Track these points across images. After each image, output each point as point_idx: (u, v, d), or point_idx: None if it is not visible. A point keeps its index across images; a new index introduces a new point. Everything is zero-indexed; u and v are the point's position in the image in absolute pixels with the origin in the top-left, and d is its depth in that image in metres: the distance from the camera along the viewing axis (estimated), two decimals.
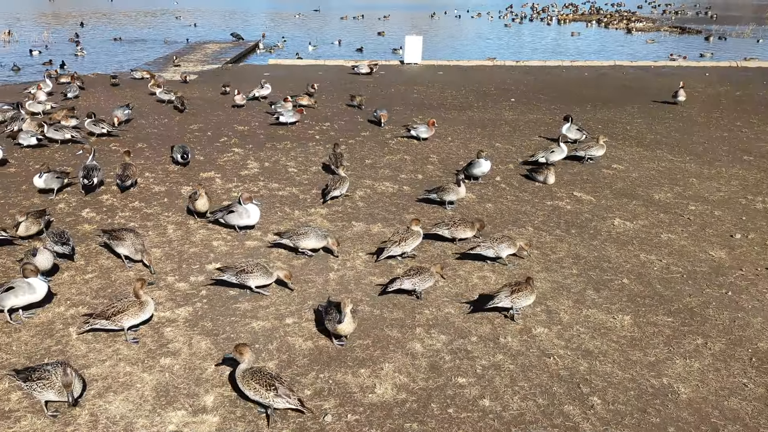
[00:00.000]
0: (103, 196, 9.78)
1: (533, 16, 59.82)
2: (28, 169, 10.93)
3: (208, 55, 28.44)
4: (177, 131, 13.91)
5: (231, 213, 8.32)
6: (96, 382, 5.37)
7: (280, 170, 11.22)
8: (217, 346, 5.93)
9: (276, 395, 4.92)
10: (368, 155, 12.24)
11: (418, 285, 6.77)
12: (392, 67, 24.67)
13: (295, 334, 6.18)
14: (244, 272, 6.75)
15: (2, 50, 29.74)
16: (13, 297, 6.14)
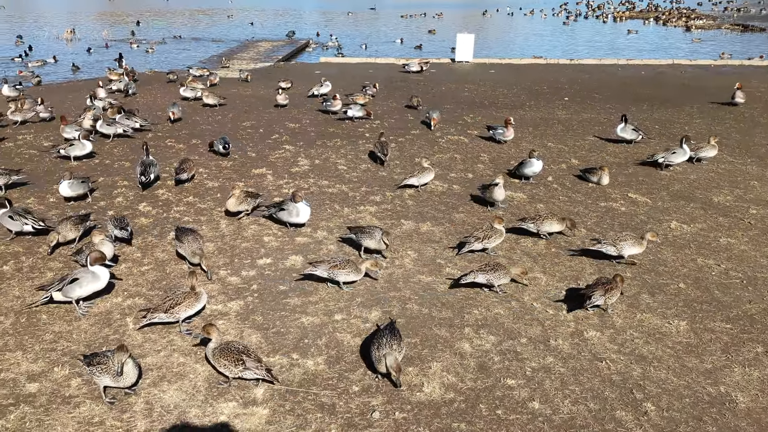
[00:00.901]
0: (158, 191, 10.04)
1: (588, 13, 58.61)
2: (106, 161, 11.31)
3: (261, 53, 28.89)
4: (230, 128, 14.16)
5: (282, 210, 8.43)
6: (151, 372, 5.52)
7: (330, 168, 11.30)
8: (267, 340, 6.02)
9: (244, 368, 5.23)
10: (418, 153, 12.22)
11: (493, 280, 6.78)
12: (443, 65, 24.55)
13: (344, 330, 6.21)
14: (336, 267, 6.84)
15: (65, 48, 30.84)
16: (78, 288, 6.34)
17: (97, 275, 6.42)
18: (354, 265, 6.93)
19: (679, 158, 11.24)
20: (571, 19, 51.89)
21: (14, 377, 5.40)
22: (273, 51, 29.87)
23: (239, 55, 28.16)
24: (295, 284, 7.10)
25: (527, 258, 7.81)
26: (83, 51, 29.76)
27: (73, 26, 38.51)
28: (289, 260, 7.66)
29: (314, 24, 45.82)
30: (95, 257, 6.44)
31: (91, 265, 6.42)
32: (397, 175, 10.88)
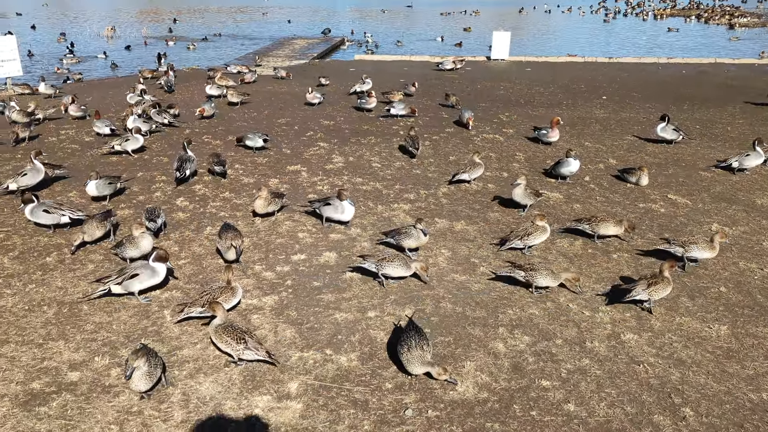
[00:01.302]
0: (196, 186, 10.18)
1: (628, 10, 57.60)
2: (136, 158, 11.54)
3: (296, 51, 29.09)
4: (266, 125, 14.29)
5: (327, 205, 8.48)
6: (188, 363, 5.61)
7: (364, 165, 11.33)
8: (301, 335, 6.06)
9: (246, 348, 5.45)
10: (452, 152, 12.17)
11: (535, 280, 6.73)
12: (478, 63, 24.40)
13: (377, 327, 6.22)
14: (385, 260, 6.88)
15: (106, 45, 31.51)
16: (137, 283, 6.55)
17: (156, 271, 6.64)
18: (404, 260, 6.93)
19: (753, 161, 10.92)
20: (610, 17, 51.05)
21: (57, 366, 5.54)
22: (308, 48, 30.05)
23: (275, 53, 28.40)
24: (329, 280, 7.14)
25: (563, 258, 7.72)
26: (123, 48, 30.31)
27: (114, 24, 39.29)
28: (323, 256, 7.70)
29: (349, 22, 45.96)
30: (160, 256, 6.64)
31: (153, 262, 6.61)
32: (431, 173, 10.86)
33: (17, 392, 5.17)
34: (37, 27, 39.00)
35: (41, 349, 5.78)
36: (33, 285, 6.96)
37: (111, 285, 6.53)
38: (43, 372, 5.45)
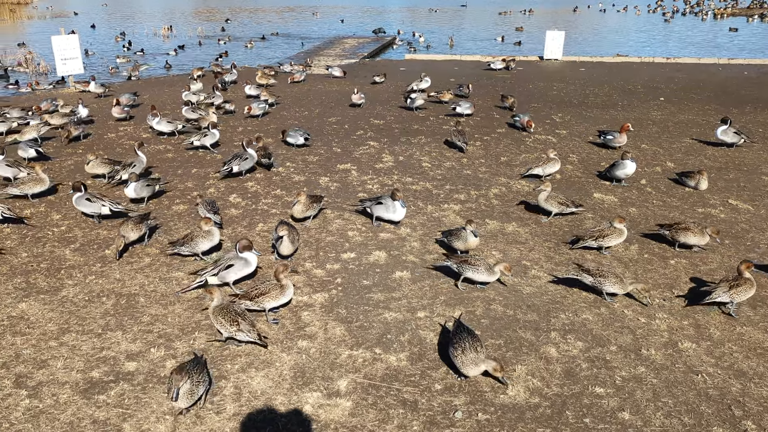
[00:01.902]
0: (248, 183, 10.34)
1: (686, 10, 55.95)
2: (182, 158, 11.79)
3: (346, 50, 29.25)
4: (316, 123, 14.42)
5: (379, 204, 8.49)
6: (239, 358, 5.69)
7: (414, 165, 11.30)
8: (351, 333, 6.08)
9: (238, 329, 5.64)
10: (504, 152, 12.03)
11: (603, 286, 6.57)
12: (531, 63, 24.06)
13: (426, 328, 6.19)
14: (467, 263, 6.79)
15: (162, 45, 32.31)
16: (232, 273, 6.82)
17: (249, 261, 6.88)
18: (487, 264, 6.77)
19: None
20: (668, 16, 49.69)
21: (114, 355, 5.70)
22: (358, 48, 30.19)
23: (325, 52, 28.63)
24: (378, 279, 7.14)
25: (618, 263, 7.53)
26: (178, 47, 31.00)
27: (170, 23, 40.26)
28: (372, 255, 7.71)
29: (399, 21, 45.97)
30: (244, 245, 6.82)
31: (241, 252, 6.82)
32: (482, 174, 10.76)
33: (78, 380, 5.34)
34: (97, 26, 40.24)
35: (100, 338, 5.96)
36: (93, 276, 7.18)
37: (207, 276, 6.80)
38: (101, 361, 5.62)
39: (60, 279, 7.10)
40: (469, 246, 7.54)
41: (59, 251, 7.81)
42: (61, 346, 5.83)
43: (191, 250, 7.48)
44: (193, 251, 7.50)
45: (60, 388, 5.24)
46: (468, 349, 5.24)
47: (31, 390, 5.21)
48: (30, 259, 7.60)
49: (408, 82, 19.31)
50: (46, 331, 6.06)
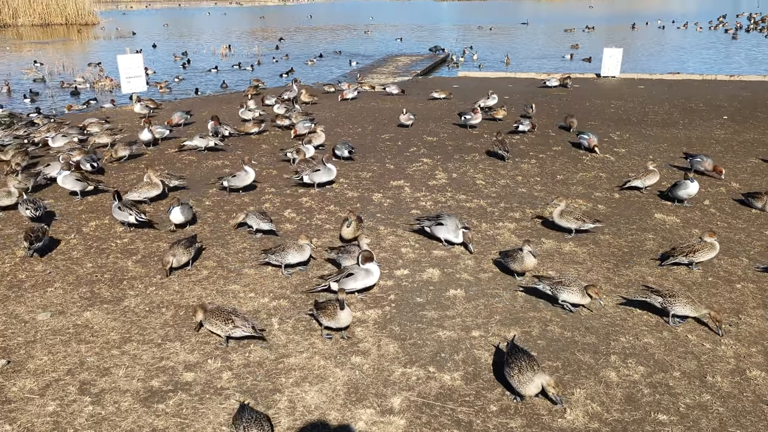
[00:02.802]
0: (302, 199, 10.46)
1: (750, 26, 54.19)
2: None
3: (400, 68, 29.41)
4: (369, 140, 14.52)
5: (440, 225, 8.37)
6: (294, 372, 5.72)
7: (467, 182, 11.24)
8: (404, 351, 6.05)
9: (234, 327, 5.96)
10: (560, 171, 11.84)
11: (672, 308, 6.35)
12: (588, 81, 23.70)
13: (481, 347, 6.11)
14: (561, 284, 6.65)
15: (221, 63, 33.17)
16: (352, 282, 6.98)
17: (371, 272, 7.02)
18: (581, 286, 6.58)
19: None
20: (731, 33, 48.24)
21: (173, 365, 5.82)
22: (411, 65, 30.34)
23: (379, 69, 28.88)
24: (432, 297, 7.10)
25: (680, 286, 7.27)
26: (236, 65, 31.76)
27: (229, 43, 41.36)
28: (426, 273, 7.68)
29: (454, 39, 46.02)
30: (366, 256, 6.99)
31: (363, 264, 6.97)
32: (537, 192, 10.61)
33: (138, 388, 5.47)
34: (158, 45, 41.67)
35: (160, 348, 6.10)
36: (153, 288, 7.36)
37: (330, 282, 7.01)
38: (161, 371, 5.74)
39: (122, 289, 7.31)
40: (525, 267, 7.38)
41: (122, 262, 8.05)
42: (122, 354, 5.99)
43: (280, 260, 7.61)
44: (282, 262, 7.62)
45: (122, 395, 5.37)
46: (525, 368, 5.14)
47: (95, 397, 5.36)
48: (95, 269, 7.86)
49: (462, 99, 19.30)
50: (108, 340, 6.24)
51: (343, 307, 6.05)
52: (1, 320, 6.63)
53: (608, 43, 27.37)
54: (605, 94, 20.39)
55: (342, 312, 6.09)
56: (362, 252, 7.08)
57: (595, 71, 25.52)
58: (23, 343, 6.19)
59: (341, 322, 6.15)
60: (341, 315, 6.10)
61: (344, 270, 7.14)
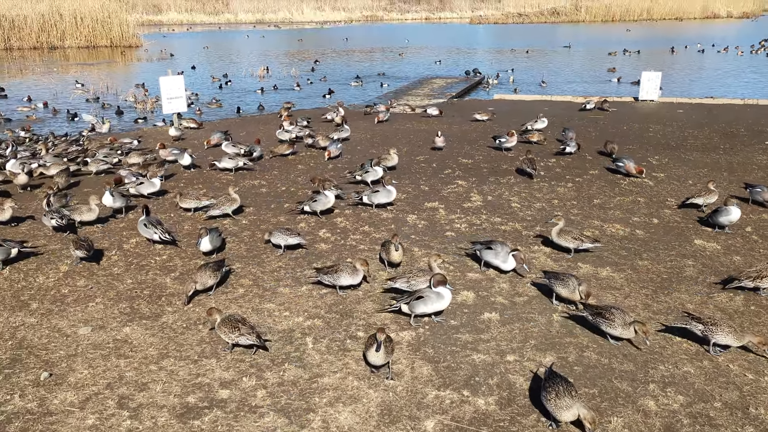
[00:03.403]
0: (337, 219, 10.53)
1: None
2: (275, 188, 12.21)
3: (435, 90, 29.57)
4: (404, 161, 14.58)
5: (489, 249, 8.25)
6: (327, 392, 5.74)
7: (503, 204, 11.19)
8: (438, 373, 6.02)
9: (239, 335, 6.22)
10: (597, 194, 11.72)
11: (714, 336, 6.20)
12: (625, 104, 23.47)
13: (516, 372, 6.04)
14: (602, 317, 6.47)
15: (257, 84, 33.76)
16: (422, 305, 6.86)
17: (442, 295, 6.87)
18: (624, 319, 6.35)
19: None
20: None
21: (209, 382, 5.89)
22: (446, 88, 30.48)
23: (414, 92, 29.06)
24: (466, 320, 7.07)
25: (722, 314, 7.10)
26: (271, 87, 32.30)
27: (267, 65, 42.13)
28: (460, 295, 7.65)
29: (490, 61, 46.09)
30: (438, 280, 6.85)
31: (435, 287, 6.85)
32: (574, 216, 10.51)
33: (175, 404, 5.55)
34: (197, 67, 42.63)
35: (196, 365, 6.18)
36: (190, 305, 7.48)
37: (401, 304, 6.98)
38: (197, 387, 5.81)
39: (161, 306, 7.45)
40: (574, 296, 7.20)
41: (161, 279, 8.21)
42: (160, 370, 6.09)
43: (333, 281, 7.67)
44: (334, 283, 7.68)
45: (159, 411, 5.45)
46: (562, 394, 5.08)
47: (132, 411, 5.45)
48: (134, 285, 8.03)
49: (496, 122, 19.30)
50: (147, 355, 6.35)
51: (378, 349, 5.78)
52: (45, 333, 6.81)
53: (647, 67, 27.11)
54: (643, 118, 20.15)
55: (376, 352, 5.80)
56: (434, 275, 6.95)
57: (633, 95, 25.28)
58: (65, 357, 6.35)
59: (372, 361, 5.90)
60: (373, 354, 5.83)
61: (415, 292, 6.99)
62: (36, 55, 51.51)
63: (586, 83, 33.13)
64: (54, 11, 55.56)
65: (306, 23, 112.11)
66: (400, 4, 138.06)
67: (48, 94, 28.68)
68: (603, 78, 34.66)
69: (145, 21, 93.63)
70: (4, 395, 5.71)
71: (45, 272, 8.40)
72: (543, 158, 14.59)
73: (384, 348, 5.77)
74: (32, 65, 44.13)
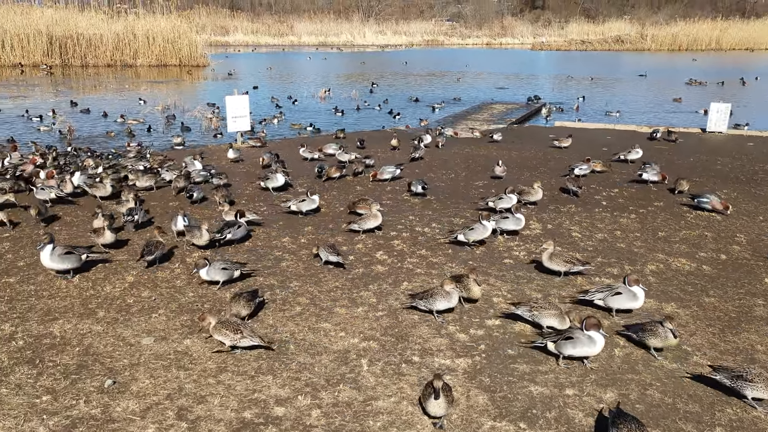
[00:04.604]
0: (394, 241, 10.55)
1: None
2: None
3: (494, 115, 29.47)
4: (462, 186, 14.53)
5: (618, 295, 7.72)
6: (381, 415, 5.72)
7: (563, 234, 10.99)
8: (494, 403, 5.92)
9: (242, 337, 6.47)
10: (661, 227, 11.38)
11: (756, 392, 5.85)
12: (692, 135, 22.83)
13: (575, 407, 5.89)
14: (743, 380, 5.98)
15: (317, 106, 34.40)
16: (571, 347, 6.51)
17: (594, 340, 6.44)
18: None
19: None
20: None
21: (265, 399, 5.95)
22: (506, 113, 30.32)
23: (473, 116, 29.03)
24: (524, 350, 6.94)
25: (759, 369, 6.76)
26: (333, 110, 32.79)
27: (329, 87, 42.87)
28: (518, 324, 7.53)
29: (551, 88, 45.68)
30: (592, 323, 6.46)
31: (587, 330, 6.46)
32: (637, 248, 10.23)
33: (231, 419, 5.63)
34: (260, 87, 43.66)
35: (253, 381, 6.26)
36: (249, 320, 7.59)
37: (548, 342, 6.68)
38: (253, 403, 5.88)
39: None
40: (668, 344, 6.78)
41: (221, 293, 8.38)
42: (218, 384, 6.20)
43: (429, 306, 7.60)
44: (430, 308, 7.61)
45: (216, 424, 5.54)
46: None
47: (191, 423, 5.55)
48: (196, 299, 8.22)
49: (558, 150, 19.08)
50: (206, 369, 6.48)
51: (437, 396, 5.40)
52: (110, 341, 7.04)
53: (715, 98, 26.34)
54: (711, 150, 19.55)
55: (435, 400, 5.43)
56: (587, 318, 6.54)
57: (700, 125, 24.58)
58: (128, 366, 6.53)
59: (432, 411, 5.51)
60: (433, 403, 5.45)
61: (564, 331, 6.66)
62: (110, 72, 53.89)
63: (653, 113, 32.38)
64: (128, 31, 58.11)
65: (367, 46, 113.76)
66: (461, 29, 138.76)
67: (121, 110, 29.85)
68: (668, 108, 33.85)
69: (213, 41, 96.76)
70: (70, 400, 5.92)
71: (112, 282, 8.70)
72: (606, 188, 14.30)
73: (444, 396, 5.40)
74: (106, 81, 46.17)
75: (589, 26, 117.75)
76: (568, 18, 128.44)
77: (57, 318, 7.59)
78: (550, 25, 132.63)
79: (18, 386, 6.13)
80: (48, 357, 6.68)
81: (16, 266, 9.16)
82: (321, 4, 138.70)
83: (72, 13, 59.62)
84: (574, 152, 18.44)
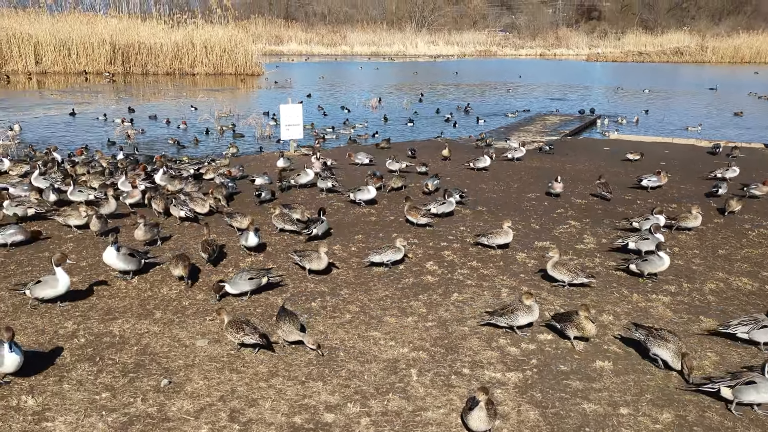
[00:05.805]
0: (444, 252, 10.51)
1: None
2: None
3: (547, 127, 29.11)
4: (515, 198, 14.39)
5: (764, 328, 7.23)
6: (430, 426, 5.69)
7: (619, 249, 10.75)
8: (546, 420, 5.82)
9: (244, 334, 6.76)
10: (721, 245, 11.02)
11: None
12: (755, 151, 22.06)
13: (630, 426, 5.74)
14: None
15: (367, 115, 34.61)
16: (754, 392, 5.88)
17: None
18: None
19: None
20: None
21: (315, 404, 6.00)
22: (559, 125, 29.91)
23: (526, 128, 28.73)
24: (577, 366, 6.81)
25: None
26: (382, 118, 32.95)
27: (380, 96, 43.12)
28: (571, 340, 7.39)
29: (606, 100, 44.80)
30: None
31: None
32: (695, 266, 9.93)
33: (282, 423, 5.69)
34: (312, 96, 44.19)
35: (303, 386, 6.33)
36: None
37: (722, 386, 6.07)
38: (303, 408, 5.94)
39: (272, 325, 7.70)
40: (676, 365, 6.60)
41: (273, 299, 8.50)
42: (269, 388, 6.28)
43: (509, 322, 7.47)
44: (511, 324, 7.47)
45: (267, 428, 5.61)
46: None
47: (243, 426, 5.64)
48: (248, 302, 8.37)
49: (611, 162, 18.70)
50: (257, 372, 6.58)
51: (471, 408, 5.35)
52: (166, 342, 7.22)
53: None
54: None
55: (474, 412, 5.38)
56: None
57: (763, 141, 23.74)
58: (183, 366, 6.69)
59: (473, 425, 5.44)
60: (475, 417, 5.40)
61: (741, 374, 6.07)
62: (168, 80, 55.51)
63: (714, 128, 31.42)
64: (187, 40, 59.79)
65: (419, 56, 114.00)
66: (514, 39, 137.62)
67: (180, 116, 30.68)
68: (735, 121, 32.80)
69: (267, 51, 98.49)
70: (128, 398, 6.09)
71: (169, 284, 8.93)
72: (664, 202, 13.92)
73: (486, 410, 5.33)
74: (164, 89, 47.57)
75: (647, 37, 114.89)
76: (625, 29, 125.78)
77: (116, 317, 7.84)
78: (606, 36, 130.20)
79: (79, 382, 6.34)
80: (108, 355, 6.90)
81: (79, 266, 9.50)
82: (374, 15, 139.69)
83: (134, 23, 61.88)
84: (633, 166, 17.98)
